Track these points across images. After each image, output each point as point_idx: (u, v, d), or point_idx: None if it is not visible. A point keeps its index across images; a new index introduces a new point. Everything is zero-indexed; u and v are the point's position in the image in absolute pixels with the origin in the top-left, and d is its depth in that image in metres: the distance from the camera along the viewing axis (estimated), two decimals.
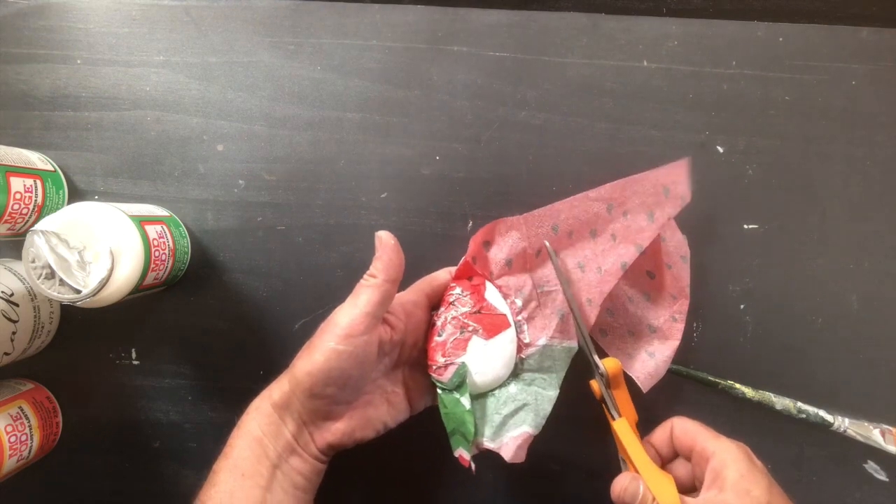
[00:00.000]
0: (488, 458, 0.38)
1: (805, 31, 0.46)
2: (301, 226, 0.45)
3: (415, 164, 0.45)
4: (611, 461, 0.37)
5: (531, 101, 0.45)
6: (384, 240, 0.35)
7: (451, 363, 0.38)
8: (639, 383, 0.42)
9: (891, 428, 0.44)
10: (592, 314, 0.41)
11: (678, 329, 0.43)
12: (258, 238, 0.45)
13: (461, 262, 0.40)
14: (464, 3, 0.45)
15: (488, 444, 0.38)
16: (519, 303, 0.40)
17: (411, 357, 0.40)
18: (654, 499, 0.34)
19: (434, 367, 0.38)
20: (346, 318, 0.33)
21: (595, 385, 0.40)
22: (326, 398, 0.34)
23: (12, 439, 0.39)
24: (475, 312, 0.39)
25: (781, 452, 0.45)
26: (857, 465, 0.45)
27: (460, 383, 0.38)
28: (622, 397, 0.40)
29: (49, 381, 0.45)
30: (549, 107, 0.45)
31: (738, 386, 0.45)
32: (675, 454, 0.39)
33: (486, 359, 0.38)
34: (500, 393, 0.39)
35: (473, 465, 0.37)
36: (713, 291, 0.45)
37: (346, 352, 0.33)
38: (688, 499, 0.34)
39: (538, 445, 0.42)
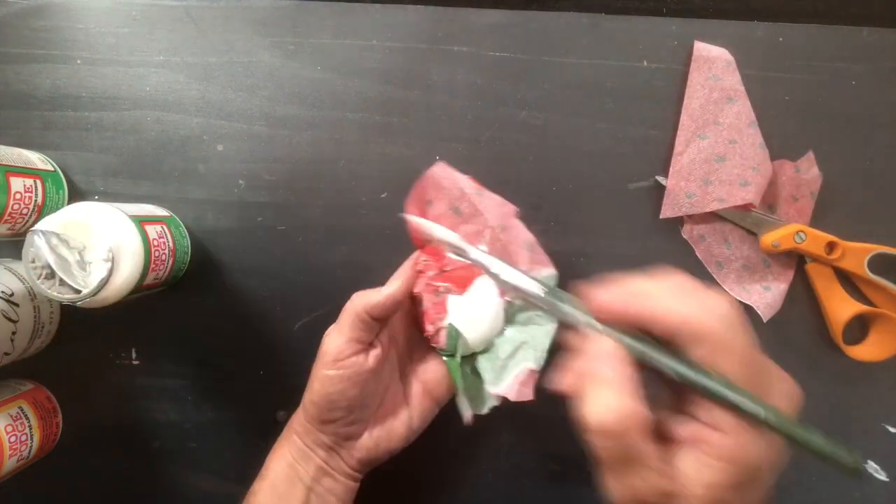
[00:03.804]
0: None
1: (805, 31, 0.46)
2: (301, 226, 0.45)
3: (415, 164, 0.45)
4: None
5: (531, 101, 0.45)
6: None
7: (440, 328, 0.38)
8: (759, 313, 0.42)
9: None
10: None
11: (792, 266, 0.44)
12: (258, 238, 0.45)
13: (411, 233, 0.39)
14: (464, 3, 0.45)
15: (493, 389, 0.38)
16: (484, 248, 0.39)
17: (410, 349, 0.40)
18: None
19: (429, 338, 0.38)
20: (333, 345, 0.35)
21: None
22: (338, 421, 0.35)
23: (12, 439, 0.39)
24: (441, 273, 0.38)
25: None
26: None
27: (456, 344, 0.38)
28: None
29: (49, 381, 0.45)
30: (549, 107, 0.45)
31: None
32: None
33: (469, 313, 0.38)
34: (500, 340, 0.39)
35: (469, 416, 0.37)
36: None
37: (337, 375, 0.35)
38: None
39: (538, 445, 0.42)
